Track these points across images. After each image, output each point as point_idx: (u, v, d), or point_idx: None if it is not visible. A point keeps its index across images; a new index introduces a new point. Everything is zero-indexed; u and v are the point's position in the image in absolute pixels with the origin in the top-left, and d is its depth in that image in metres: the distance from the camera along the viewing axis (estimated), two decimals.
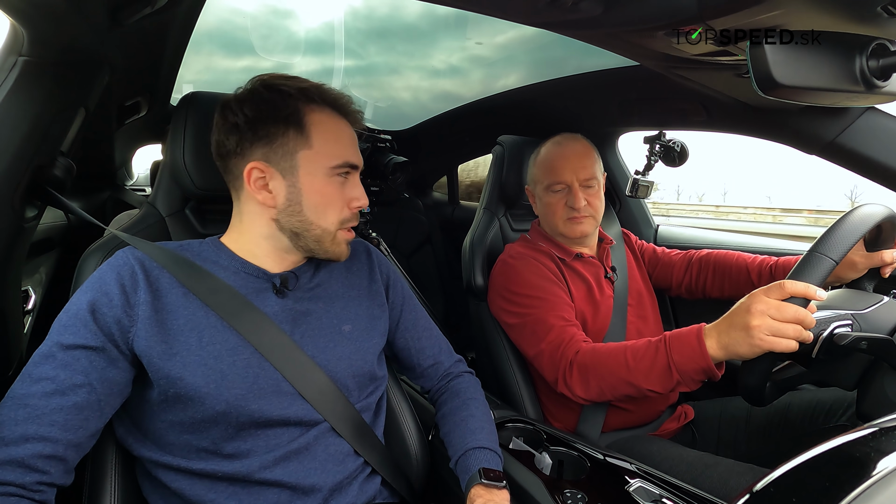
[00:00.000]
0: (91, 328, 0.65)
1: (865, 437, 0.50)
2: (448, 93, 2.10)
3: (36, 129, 0.81)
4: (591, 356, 1.01)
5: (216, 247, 0.78)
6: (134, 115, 1.48)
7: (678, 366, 0.89)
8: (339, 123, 0.78)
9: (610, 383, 0.97)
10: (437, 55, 1.92)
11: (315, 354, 0.76)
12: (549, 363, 1.07)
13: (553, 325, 1.09)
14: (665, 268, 1.37)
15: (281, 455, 0.71)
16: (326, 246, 0.77)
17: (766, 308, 0.79)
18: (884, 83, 0.68)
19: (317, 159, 0.74)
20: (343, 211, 0.77)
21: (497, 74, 1.92)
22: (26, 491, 0.58)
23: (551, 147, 1.25)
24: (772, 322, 0.78)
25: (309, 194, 0.74)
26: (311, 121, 0.74)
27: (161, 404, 0.68)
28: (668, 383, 0.91)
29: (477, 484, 0.76)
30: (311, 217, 0.75)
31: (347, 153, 0.77)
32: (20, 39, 0.75)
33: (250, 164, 0.73)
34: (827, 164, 1.10)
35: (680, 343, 0.90)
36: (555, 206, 1.21)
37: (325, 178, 0.75)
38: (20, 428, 0.59)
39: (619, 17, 0.73)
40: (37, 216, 0.92)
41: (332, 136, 0.76)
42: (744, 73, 0.88)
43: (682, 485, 0.79)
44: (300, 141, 0.73)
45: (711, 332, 0.87)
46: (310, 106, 0.75)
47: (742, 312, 0.82)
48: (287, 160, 0.73)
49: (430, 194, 2.77)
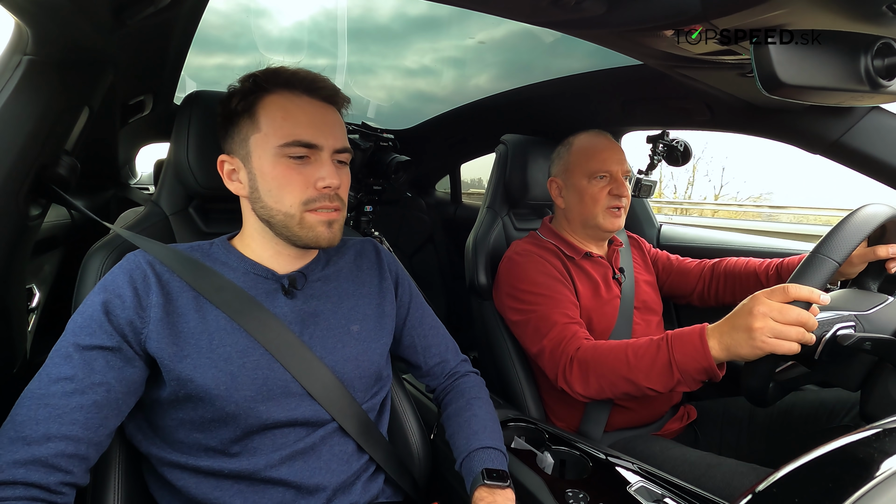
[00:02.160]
0: (106, 329, 0.65)
1: (869, 438, 0.50)
2: (422, 91, 2.14)
3: (40, 128, 0.81)
4: (592, 353, 1.01)
5: (225, 248, 0.79)
6: (138, 114, 1.48)
7: (679, 365, 0.88)
8: (296, 102, 0.73)
9: (610, 380, 0.97)
10: (409, 56, 1.96)
11: (323, 355, 0.76)
12: (551, 359, 1.07)
13: (556, 321, 1.09)
14: (680, 276, 1.37)
15: (287, 454, 0.71)
16: (296, 231, 0.74)
17: (768, 310, 0.79)
18: (889, 83, 0.67)
19: (265, 141, 0.72)
20: (306, 192, 0.72)
21: (469, 75, 1.97)
22: (50, 493, 0.58)
23: (589, 137, 1.24)
24: (774, 324, 0.78)
25: (262, 179, 0.73)
26: (262, 105, 0.73)
27: (172, 403, 0.69)
28: (669, 382, 0.90)
29: (480, 486, 0.76)
30: (269, 202, 0.73)
31: (298, 131, 0.72)
32: (25, 39, 0.75)
33: (219, 158, 0.76)
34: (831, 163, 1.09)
35: (682, 342, 0.89)
36: (597, 194, 1.19)
37: (274, 158, 0.72)
38: (42, 427, 0.59)
39: (623, 16, 0.73)
40: (41, 215, 0.92)
41: (281, 115, 0.72)
42: (748, 72, 0.88)
43: (685, 485, 0.79)
44: (251, 127, 0.73)
45: (714, 332, 0.87)
46: (265, 91, 0.73)
47: (744, 314, 0.81)
48: (243, 147, 0.74)
49: (433, 193, 2.77)
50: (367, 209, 1.72)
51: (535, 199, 1.45)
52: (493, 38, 1.72)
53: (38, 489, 0.57)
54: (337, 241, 0.77)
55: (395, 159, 1.54)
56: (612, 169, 1.19)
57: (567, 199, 1.26)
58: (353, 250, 0.89)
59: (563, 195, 1.27)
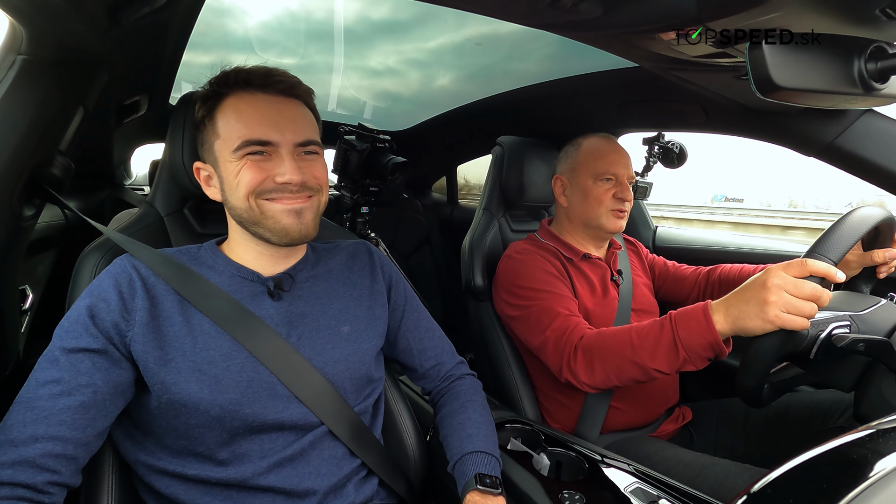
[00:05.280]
0: (92, 332, 0.65)
1: (863, 439, 0.50)
2: (388, 91, 2.22)
3: (34, 128, 0.81)
4: (596, 339, 0.99)
5: (213, 252, 0.78)
6: (133, 115, 1.48)
7: (684, 341, 0.86)
8: (249, 101, 0.72)
9: (615, 365, 0.95)
10: (374, 57, 2.01)
11: (312, 356, 0.75)
12: (554, 350, 1.05)
13: (559, 312, 1.08)
14: (676, 282, 1.38)
15: (275, 461, 0.70)
16: (265, 224, 0.72)
17: (783, 283, 0.77)
18: (882, 86, 0.68)
19: (224, 146, 0.72)
20: (263, 184, 0.71)
21: (433, 76, 2.07)
22: (37, 493, 0.58)
23: (599, 140, 1.26)
24: (789, 298, 0.76)
25: (226, 180, 0.73)
26: (219, 109, 0.72)
27: (157, 409, 0.68)
28: (675, 361, 0.88)
29: (472, 490, 0.75)
30: (230, 199, 0.73)
31: (249, 130, 0.70)
32: (19, 38, 0.75)
33: (195, 165, 0.77)
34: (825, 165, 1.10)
35: (686, 319, 0.88)
36: (602, 195, 1.21)
37: (235, 163, 0.71)
38: (29, 429, 0.59)
39: (619, 18, 0.73)
40: (35, 215, 0.92)
41: (234, 117, 0.71)
42: (742, 74, 0.88)
43: (680, 486, 0.79)
44: (213, 132, 0.73)
45: (719, 306, 0.85)
46: (223, 96, 0.73)
47: (757, 287, 0.79)
48: (211, 154, 0.75)
49: (429, 195, 2.77)
50: (364, 210, 1.71)
51: (531, 201, 1.45)
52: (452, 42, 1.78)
53: (25, 489, 0.57)
54: (312, 233, 0.75)
55: (391, 160, 1.54)
56: (619, 172, 1.20)
57: (571, 197, 1.26)
58: (346, 252, 0.89)
59: (567, 193, 1.27)
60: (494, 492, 0.75)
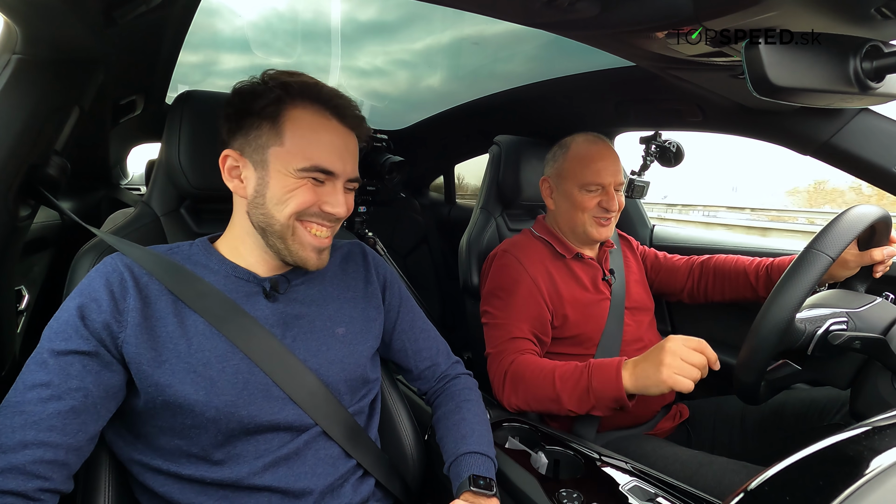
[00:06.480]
0: (82, 333, 0.64)
1: (859, 436, 0.50)
2: (376, 90, 2.26)
3: (30, 128, 0.80)
4: (525, 369, 1.06)
5: (206, 250, 0.77)
6: (129, 114, 1.47)
7: (595, 391, 0.95)
8: (325, 125, 0.72)
9: (535, 396, 1.03)
10: (362, 57, 2.03)
11: (307, 358, 0.75)
12: (493, 366, 1.12)
13: (510, 333, 1.13)
14: (668, 273, 1.38)
15: (270, 461, 0.70)
16: (289, 244, 0.73)
17: (678, 349, 0.87)
18: (878, 85, 0.68)
19: (286, 158, 0.70)
20: (309, 209, 0.72)
21: (420, 76, 2.11)
22: (28, 500, 0.57)
23: (587, 145, 1.23)
24: (680, 363, 0.86)
25: (274, 188, 0.71)
26: (289, 117, 0.71)
27: (150, 411, 0.67)
28: (586, 405, 0.97)
29: (466, 491, 0.75)
30: (272, 209, 0.71)
31: (322, 157, 0.71)
32: (14, 37, 0.74)
33: (224, 152, 0.74)
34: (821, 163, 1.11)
35: (601, 371, 0.96)
36: (586, 204, 1.20)
37: (293, 179, 0.71)
38: (18, 435, 0.58)
39: (616, 17, 0.73)
40: (30, 215, 0.91)
41: (308, 136, 0.71)
42: (739, 74, 0.88)
43: (677, 483, 0.79)
44: (273, 136, 0.71)
45: (629, 365, 0.94)
46: (293, 102, 0.71)
47: (657, 350, 0.89)
48: (259, 153, 0.72)
49: (427, 194, 2.77)
50: (361, 210, 1.71)
51: (528, 200, 1.45)
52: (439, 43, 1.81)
53: (15, 496, 0.56)
54: (324, 265, 0.77)
55: (388, 160, 1.53)
56: (605, 182, 1.19)
57: (557, 202, 1.27)
58: (340, 254, 0.88)
59: (554, 197, 1.28)
60: (488, 493, 0.76)
